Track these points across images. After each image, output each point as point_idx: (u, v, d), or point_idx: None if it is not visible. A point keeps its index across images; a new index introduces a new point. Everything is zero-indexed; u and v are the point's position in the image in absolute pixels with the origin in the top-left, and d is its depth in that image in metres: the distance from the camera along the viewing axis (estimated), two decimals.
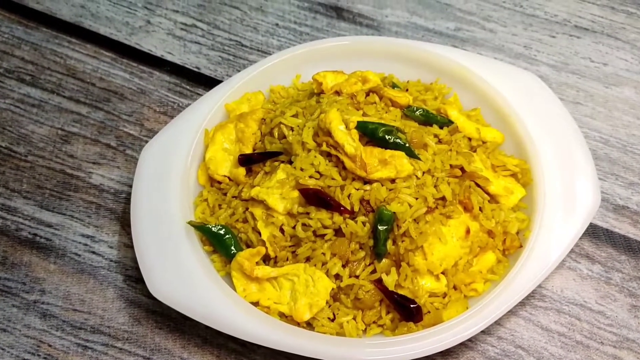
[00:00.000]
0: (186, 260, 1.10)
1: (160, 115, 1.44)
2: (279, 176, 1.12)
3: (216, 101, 1.28)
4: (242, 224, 1.14)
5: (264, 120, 1.24)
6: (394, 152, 1.09)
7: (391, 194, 1.08)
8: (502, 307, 1.05)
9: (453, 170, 1.13)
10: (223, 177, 1.22)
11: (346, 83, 1.21)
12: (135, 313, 1.17)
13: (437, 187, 1.11)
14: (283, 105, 1.25)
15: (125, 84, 1.50)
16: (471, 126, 1.24)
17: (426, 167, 1.11)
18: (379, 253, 1.07)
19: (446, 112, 1.25)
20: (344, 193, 1.08)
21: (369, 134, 1.11)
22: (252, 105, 1.30)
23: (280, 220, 1.10)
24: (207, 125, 1.26)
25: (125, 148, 1.39)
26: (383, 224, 1.05)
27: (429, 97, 1.29)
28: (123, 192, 1.32)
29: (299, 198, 1.10)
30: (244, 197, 1.15)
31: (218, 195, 1.21)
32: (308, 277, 1.07)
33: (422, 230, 1.07)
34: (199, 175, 1.23)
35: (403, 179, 1.09)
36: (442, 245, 1.08)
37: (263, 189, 1.12)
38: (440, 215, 1.10)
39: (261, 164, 1.18)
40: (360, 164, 1.08)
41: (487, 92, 1.29)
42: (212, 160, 1.22)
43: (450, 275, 1.10)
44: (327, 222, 1.07)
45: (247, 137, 1.22)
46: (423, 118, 1.20)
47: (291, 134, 1.16)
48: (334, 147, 1.10)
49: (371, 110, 1.17)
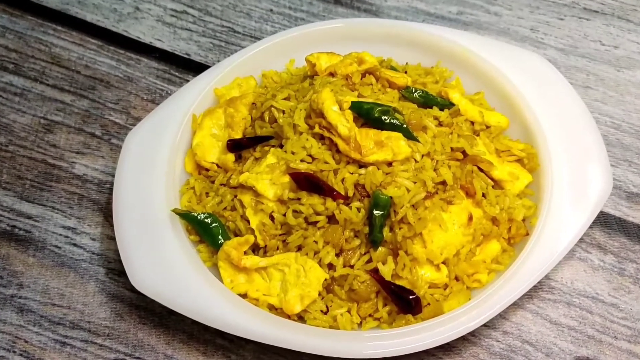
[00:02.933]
0: (171, 251, 1.08)
1: (148, 103, 1.43)
2: (268, 160, 1.10)
3: (205, 86, 1.27)
4: (230, 212, 1.13)
5: (254, 104, 1.22)
6: (391, 134, 1.07)
7: (388, 178, 1.05)
8: (507, 299, 1.02)
9: (454, 154, 1.11)
10: (211, 164, 1.20)
11: (341, 64, 1.19)
12: (117, 308, 1.15)
13: (437, 171, 1.08)
14: (275, 89, 1.23)
15: (111, 71, 1.49)
16: (474, 109, 1.21)
17: (425, 150, 1.09)
18: (374, 241, 1.05)
19: (447, 94, 1.22)
20: (337, 177, 1.06)
21: (364, 115, 1.09)
22: (243, 90, 1.29)
23: (270, 207, 1.08)
24: (195, 111, 1.24)
25: (111, 137, 1.38)
26: (379, 210, 1.03)
27: (429, 81, 1.27)
28: (107, 182, 1.31)
29: (289, 183, 1.08)
30: (233, 184, 1.14)
31: (205, 183, 1.20)
32: (299, 267, 1.05)
33: (421, 217, 1.05)
34: (185, 163, 1.22)
35: (400, 162, 1.07)
36: (442, 233, 1.06)
37: (252, 174, 1.10)
38: (441, 200, 1.07)
39: (251, 150, 1.17)
40: (354, 146, 1.06)
41: (491, 74, 1.27)
42: (200, 146, 1.21)
43: (451, 265, 1.08)
44: (319, 208, 1.05)
45: (237, 122, 1.21)
46: (422, 100, 1.19)
47: (282, 116, 1.15)
48: (327, 129, 1.08)
49: (367, 91, 1.16)
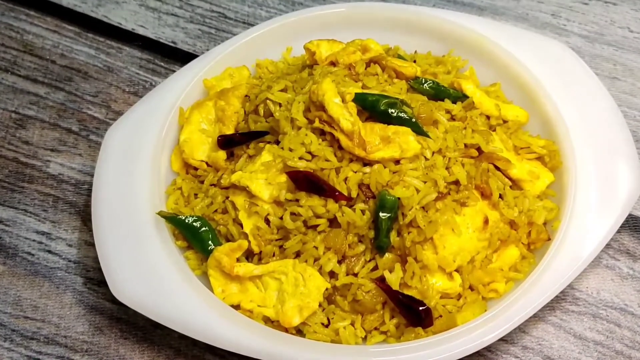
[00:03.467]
0: (156, 258, 1.08)
1: (130, 96, 1.44)
2: (264, 158, 1.11)
3: (193, 76, 1.27)
4: (221, 215, 1.13)
5: (247, 97, 1.23)
6: (398, 128, 1.08)
7: (395, 177, 1.06)
8: (526, 311, 1.03)
9: (468, 151, 1.12)
10: (200, 162, 1.21)
11: (343, 52, 1.20)
12: (96, 321, 1.15)
13: (450, 169, 1.09)
14: (270, 80, 1.24)
15: (90, 61, 1.50)
16: (490, 102, 1.22)
17: (436, 146, 1.09)
18: (380, 246, 1.06)
19: (460, 86, 1.23)
20: (339, 176, 1.07)
21: (368, 108, 1.10)
22: (235, 81, 1.30)
23: (265, 210, 1.09)
24: (182, 104, 1.25)
25: (89, 133, 1.39)
26: (385, 212, 1.04)
27: (440, 71, 1.28)
28: (85, 182, 1.32)
29: (287, 183, 1.08)
30: (224, 184, 1.15)
31: (194, 183, 1.20)
32: (298, 276, 1.05)
33: (432, 220, 1.05)
34: (172, 161, 1.22)
35: (409, 160, 1.07)
36: (455, 238, 1.07)
37: (245, 173, 1.11)
38: (454, 202, 1.08)
39: (244, 146, 1.17)
40: (358, 142, 1.06)
41: (508, 64, 1.28)
42: (188, 143, 1.21)
43: (465, 273, 1.08)
44: (319, 211, 1.06)
45: (229, 116, 1.21)
46: (433, 91, 1.19)
47: (278, 110, 1.15)
48: (328, 123, 1.08)
49: (372, 82, 1.16)
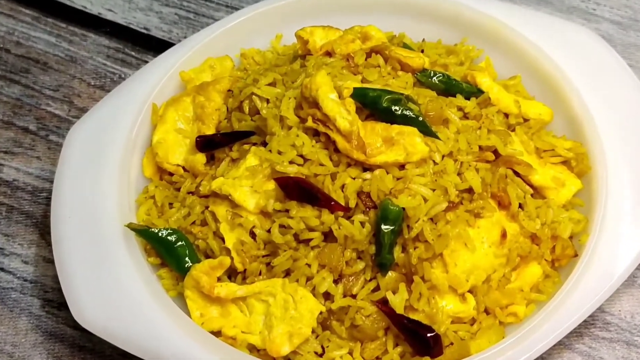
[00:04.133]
0: (124, 277, 1.08)
1: (96, 90, 1.44)
2: (249, 162, 1.11)
3: (168, 68, 1.28)
4: (199, 228, 1.13)
5: (231, 91, 1.23)
6: (403, 128, 1.08)
7: (399, 184, 1.06)
8: (550, 337, 1.03)
9: (483, 154, 1.12)
10: (176, 166, 1.21)
11: (340, 41, 1.20)
12: (55, 349, 1.15)
13: (462, 176, 1.09)
14: (257, 72, 1.24)
15: (49, 50, 1.50)
16: (508, 98, 1.22)
17: (447, 149, 1.09)
18: (383, 264, 1.05)
19: (475, 79, 1.23)
20: (335, 183, 1.07)
21: (369, 105, 1.10)
22: (217, 73, 1.30)
23: (250, 222, 1.09)
24: (155, 100, 1.25)
25: (49, 133, 1.39)
26: (388, 225, 1.04)
27: (452, 62, 1.28)
28: (44, 190, 1.32)
29: (275, 191, 1.08)
30: (203, 192, 1.15)
31: (169, 190, 1.20)
32: (288, 297, 1.05)
33: (442, 233, 1.05)
34: (143, 165, 1.23)
35: (415, 164, 1.07)
36: (468, 254, 1.07)
37: (228, 180, 1.11)
38: (466, 213, 1.08)
39: (226, 149, 1.17)
40: (357, 144, 1.06)
41: (530, 55, 1.29)
42: (162, 144, 1.22)
43: (480, 294, 1.08)
44: (313, 223, 1.05)
45: (209, 114, 1.22)
46: (443, 86, 1.19)
47: (266, 107, 1.15)
48: (323, 122, 1.08)
49: (373, 74, 1.16)
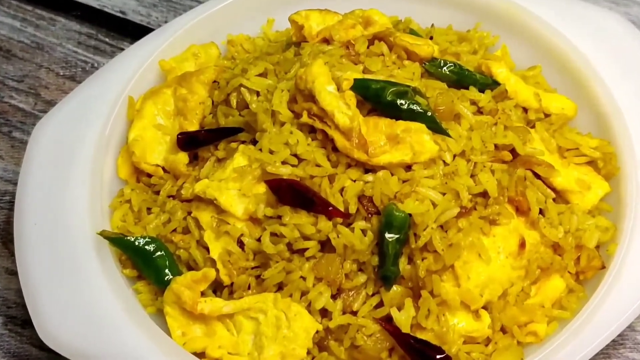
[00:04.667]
0: (96, 292, 1.08)
1: (66, 81, 1.45)
2: (236, 163, 1.11)
3: (146, 57, 1.29)
4: (181, 236, 1.13)
5: (216, 83, 1.23)
6: (410, 125, 1.07)
7: (405, 187, 1.05)
8: (575, 359, 1.03)
9: (499, 154, 1.11)
10: (155, 167, 1.22)
11: (339, 27, 1.21)
12: None
13: (476, 178, 1.09)
14: (246, 61, 1.24)
15: (13, 35, 1.51)
16: (528, 91, 1.23)
17: (458, 148, 1.09)
18: (387, 277, 1.05)
19: (490, 69, 1.23)
20: (334, 186, 1.06)
21: (371, 98, 1.10)
22: (201, 62, 1.31)
23: (238, 229, 1.09)
24: (132, 92, 1.26)
25: (12, 129, 1.40)
26: (393, 233, 1.03)
27: (464, 50, 1.29)
28: (7, 193, 1.33)
29: (266, 195, 1.08)
30: (185, 195, 1.15)
31: (147, 194, 1.21)
32: (280, 314, 1.05)
33: (453, 242, 1.05)
34: (118, 166, 1.23)
35: (423, 165, 1.07)
36: (483, 266, 1.06)
37: (213, 182, 1.11)
38: (481, 219, 1.08)
39: (211, 147, 1.18)
40: (358, 143, 1.06)
41: (552, 42, 1.30)
42: (139, 142, 1.22)
43: (496, 310, 1.08)
44: (308, 231, 1.05)
45: (192, 108, 1.22)
46: (455, 77, 1.19)
47: (256, 100, 1.15)
48: (320, 118, 1.08)
49: (376, 64, 1.16)
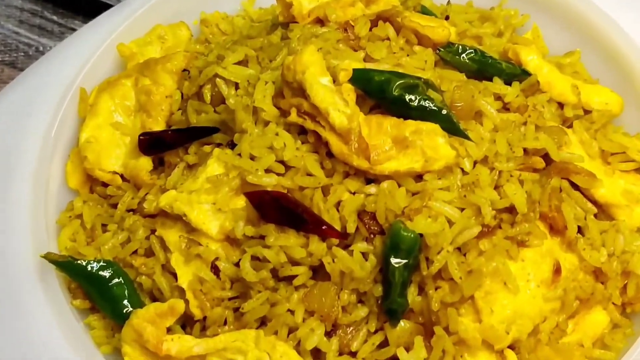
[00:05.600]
0: (39, 326, 1.08)
1: (4, 68, 1.46)
2: (210, 170, 1.11)
3: (102, 39, 1.30)
4: (143, 259, 1.13)
5: (187, 72, 1.24)
6: (421, 125, 1.07)
7: (415, 202, 1.04)
8: None
9: (530, 160, 1.11)
10: (112, 174, 1.22)
11: (336, 4, 1.22)
12: None
13: (501, 190, 1.08)
14: (222, 46, 1.25)
15: None
16: (564, 82, 1.23)
17: (480, 153, 1.09)
18: (393, 310, 1.04)
19: (518, 56, 1.25)
20: (328, 200, 1.06)
21: (374, 92, 1.09)
22: (168, 47, 1.33)
23: (212, 252, 1.08)
24: (84, 83, 1.27)
25: None
26: (400, 257, 1.02)
27: (487, 32, 1.30)
28: None
29: (246, 210, 1.08)
30: (149, 210, 1.15)
31: (102, 207, 1.21)
32: (263, 356, 1.04)
33: (473, 269, 1.04)
34: (67, 173, 1.24)
35: (437, 174, 1.07)
36: (509, 297, 1.06)
37: (182, 194, 1.11)
38: (507, 240, 1.07)
39: (180, 151, 1.18)
40: (358, 147, 1.05)
41: (594, 23, 1.32)
42: (92, 144, 1.22)
43: (525, 350, 1.07)
44: (297, 254, 1.04)
45: (157, 103, 1.23)
46: (475, 66, 1.20)
47: (234, 94, 1.15)
48: (311, 117, 1.07)
49: (380, 50, 1.16)
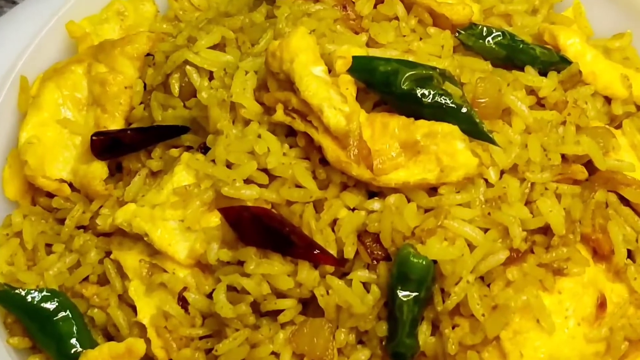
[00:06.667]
0: None
1: None
2: (178, 180, 1.12)
3: (47, 17, 1.32)
4: (96, 288, 1.14)
5: (151, 57, 1.26)
6: (436, 127, 1.08)
7: (429, 221, 1.05)
8: None
9: (569, 169, 1.12)
10: (58, 182, 1.23)
11: None
12: None
13: (533, 206, 1.09)
14: (195, 26, 1.26)
15: None
16: (612, 72, 1.25)
17: (508, 161, 1.09)
18: (400, 353, 1.05)
19: (556, 40, 1.26)
20: (322, 218, 1.06)
21: (379, 85, 1.10)
22: (129, 26, 1.34)
23: (180, 281, 1.09)
24: (25, 71, 1.29)
25: None
26: (409, 289, 1.03)
27: (518, 10, 1.31)
28: None
29: (221, 230, 1.08)
30: (103, 227, 1.16)
31: (46, 223, 1.22)
32: None
33: (499, 303, 1.05)
34: (4, 180, 1.26)
35: (456, 187, 1.07)
36: (543, 337, 1.06)
37: (144, 208, 1.12)
38: (541, 268, 1.08)
39: (142, 155, 1.19)
40: (359, 153, 1.06)
41: None
42: (35, 146, 1.23)
43: None
44: (284, 284, 1.05)
45: (114, 95, 1.24)
46: (504, 52, 1.21)
47: (208, 86, 1.16)
48: (302, 115, 1.08)
49: (387, 33, 1.17)
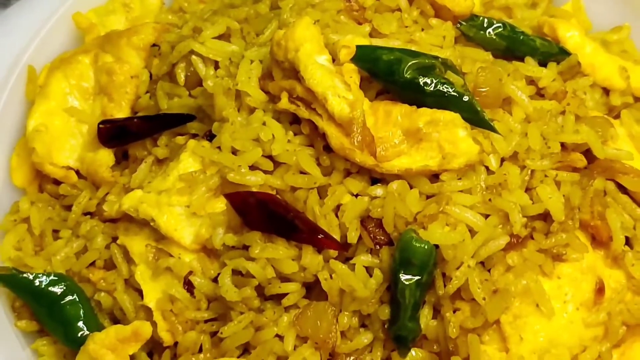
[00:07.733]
0: None
1: None
2: (184, 166, 1.12)
3: (54, 8, 1.32)
4: (103, 273, 1.15)
5: (157, 47, 1.26)
6: (438, 115, 1.08)
7: (431, 207, 1.05)
8: None
9: (568, 157, 1.12)
10: (65, 170, 1.24)
11: None
12: None
13: (533, 193, 1.09)
14: (200, 17, 1.26)
15: None
16: (610, 63, 1.25)
17: (509, 149, 1.10)
18: (402, 336, 1.05)
19: (555, 32, 1.26)
20: (326, 203, 1.07)
21: (382, 74, 1.10)
22: (135, 17, 1.34)
23: (185, 265, 1.09)
24: (33, 61, 1.29)
25: None
26: (412, 272, 1.03)
27: (518, 1, 1.31)
28: None
29: (227, 215, 1.09)
30: (109, 213, 1.16)
31: (53, 210, 1.23)
32: None
33: (499, 287, 1.05)
34: (12, 168, 1.26)
35: (457, 174, 1.08)
36: (543, 321, 1.07)
37: (150, 195, 1.12)
38: (540, 253, 1.08)
39: (148, 142, 1.20)
40: (362, 140, 1.06)
41: None
42: (42, 134, 1.24)
43: None
44: (288, 268, 1.05)
45: (121, 85, 1.24)
46: (504, 43, 1.21)
47: (213, 75, 1.16)
48: (306, 103, 1.09)
49: (390, 24, 1.18)
